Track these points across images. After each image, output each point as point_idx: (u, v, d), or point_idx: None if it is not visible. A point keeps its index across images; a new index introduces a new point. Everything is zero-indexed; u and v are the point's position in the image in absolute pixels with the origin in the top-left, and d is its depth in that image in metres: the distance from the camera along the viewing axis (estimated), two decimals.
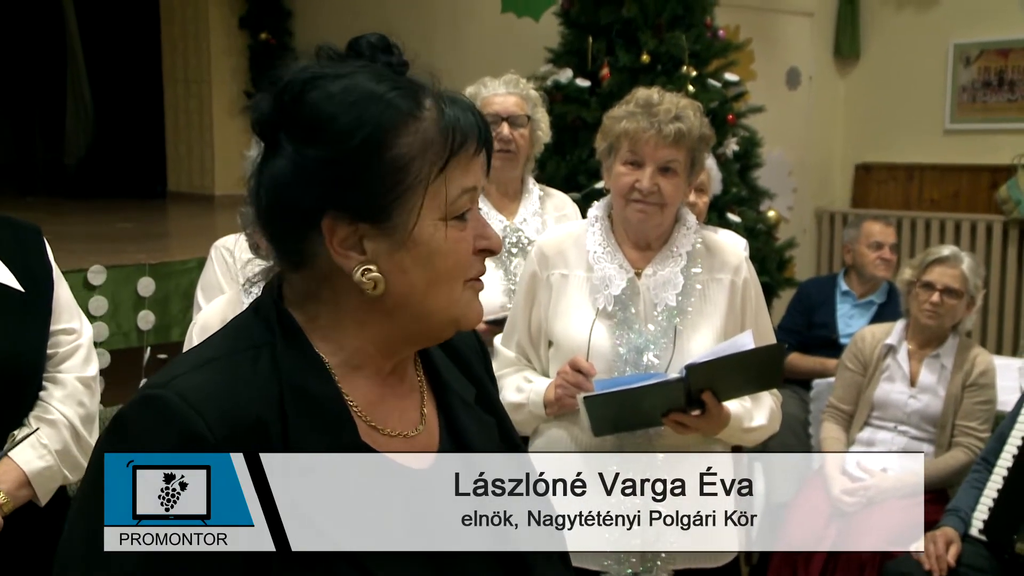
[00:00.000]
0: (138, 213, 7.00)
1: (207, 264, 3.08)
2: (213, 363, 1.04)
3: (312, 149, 1.05)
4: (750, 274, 2.35)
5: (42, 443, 2.05)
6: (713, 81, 4.64)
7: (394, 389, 1.15)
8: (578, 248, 2.35)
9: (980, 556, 3.02)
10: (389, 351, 1.13)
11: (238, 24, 8.04)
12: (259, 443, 1.01)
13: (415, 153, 1.05)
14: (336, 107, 1.04)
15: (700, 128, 2.26)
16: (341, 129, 1.04)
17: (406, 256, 1.06)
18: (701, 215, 3.55)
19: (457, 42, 6.04)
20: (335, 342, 1.10)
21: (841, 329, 4.36)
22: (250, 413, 1.01)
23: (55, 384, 2.13)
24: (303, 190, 1.05)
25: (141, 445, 0.98)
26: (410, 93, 1.06)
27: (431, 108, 1.07)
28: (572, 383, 2.21)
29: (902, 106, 6.41)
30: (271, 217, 1.09)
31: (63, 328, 2.15)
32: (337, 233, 1.06)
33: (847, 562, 3.27)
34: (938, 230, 6.22)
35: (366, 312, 1.09)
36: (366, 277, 1.06)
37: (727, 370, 2.16)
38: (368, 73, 1.07)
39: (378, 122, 1.04)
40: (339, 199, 1.05)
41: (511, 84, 3.08)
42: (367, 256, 1.06)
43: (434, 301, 1.08)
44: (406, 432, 1.14)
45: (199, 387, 1.01)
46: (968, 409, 3.46)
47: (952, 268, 3.49)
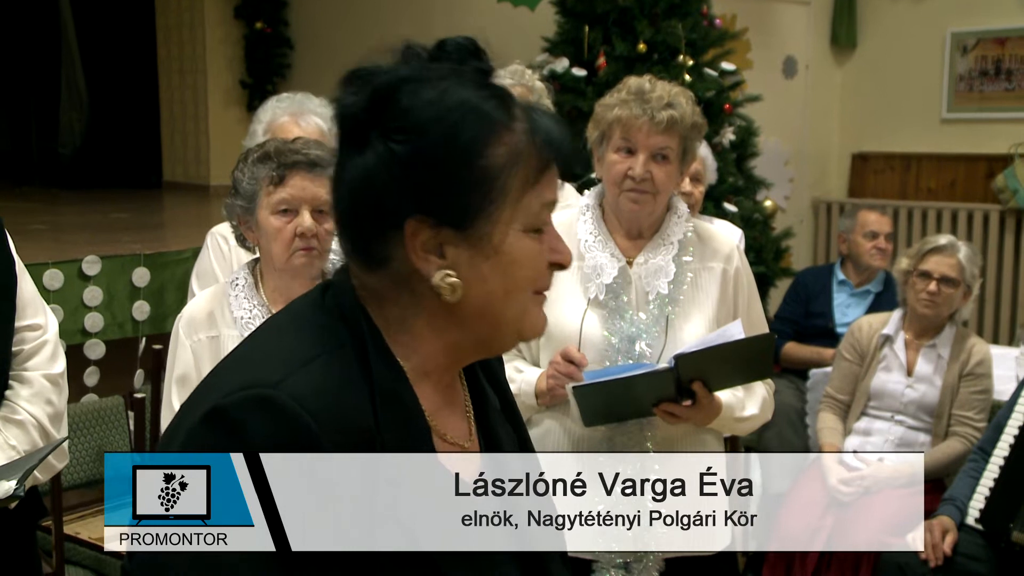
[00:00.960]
0: (133, 203, 7.00)
1: (202, 251, 3.06)
2: (313, 363, 1.03)
3: (405, 151, 1.04)
4: (742, 263, 2.34)
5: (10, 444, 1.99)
6: (709, 70, 4.63)
7: (450, 398, 1.16)
8: (569, 237, 2.33)
9: (976, 545, 3.03)
10: (457, 359, 1.13)
11: (233, 13, 8.02)
12: (366, 448, 1.01)
13: (505, 163, 1.05)
14: (433, 112, 1.04)
15: (692, 116, 2.25)
16: (437, 135, 1.03)
17: (486, 264, 1.07)
18: (697, 204, 3.54)
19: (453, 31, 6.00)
20: (406, 346, 1.09)
21: (838, 319, 4.36)
22: (357, 419, 1.01)
23: (21, 383, 2.05)
24: (391, 191, 1.04)
25: (252, 445, 0.97)
26: (503, 103, 1.07)
27: (521, 119, 1.08)
28: (563, 373, 2.20)
29: (899, 95, 6.40)
30: (353, 214, 1.08)
31: (28, 324, 2.07)
32: (419, 236, 1.05)
33: (844, 552, 3.27)
34: (935, 219, 6.21)
35: (440, 318, 1.08)
36: (445, 282, 1.06)
37: (717, 360, 2.15)
38: (460, 79, 1.07)
39: (475, 131, 1.04)
40: (426, 203, 1.04)
41: (516, 75, 3.07)
42: (447, 261, 1.06)
43: (508, 311, 1.09)
44: (462, 442, 1.15)
45: (309, 390, 1.00)
46: (965, 398, 3.46)
47: (949, 257, 3.49)
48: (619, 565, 2.21)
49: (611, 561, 2.21)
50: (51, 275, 3.80)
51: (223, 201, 2.21)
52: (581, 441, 2.27)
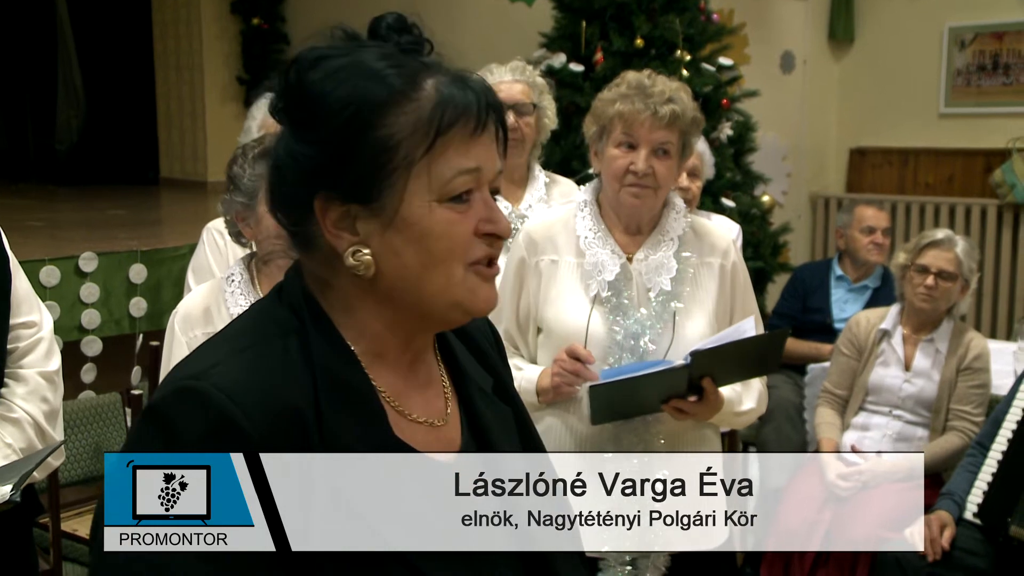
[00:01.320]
0: (130, 199, 6.98)
1: (198, 246, 3.06)
2: (246, 352, 1.03)
3: (304, 129, 1.04)
4: (737, 257, 2.35)
5: (7, 442, 1.99)
6: (707, 65, 4.63)
7: (418, 378, 1.14)
8: (567, 233, 2.32)
9: (974, 539, 3.03)
10: (407, 337, 1.11)
11: (230, 9, 8.00)
12: (298, 433, 0.99)
13: (407, 132, 1.03)
14: (330, 85, 1.03)
15: (692, 111, 2.26)
16: (330, 107, 1.03)
17: (396, 237, 1.04)
18: (694, 199, 3.54)
19: (451, 27, 6.01)
20: (353, 328, 1.08)
21: (835, 314, 4.35)
22: (288, 403, 1.00)
23: (17, 380, 2.05)
24: (296, 171, 1.05)
25: (179, 437, 0.97)
26: (409, 72, 1.05)
27: (431, 88, 1.05)
28: (570, 371, 2.20)
29: (897, 90, 6.39)
30: (275, 200, 1.09)
31: (23, 322, 2.07)
32: (330, 214, 1.05)
33: (842, 546, 3.27)
34: (933, 214, 6.21)
35: (371, 297, 1.07)
36: (356, 259, 1.04)
37: (730, 356, 2.17)
38: (375, 52, 1.05)
39: (365, 100, 1.03)
40: (329, 179, 1.04)
41: (517, 71, 3.07)
42: (359, 237, 1.05)
43: (430, 284, 1.06)
44: (432, 420, 1.13)
45: (234, 377, 0.99)
46: (962, 393, 3.46)
47: (946, 251, 3.48)
48: (626, 562, 2.21)
49: (619, 559, 2.21)
50: (48, 272, 3.79)
51: (220, 197, 2.20)
52: (584, 438, 2.27)
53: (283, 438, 0.98)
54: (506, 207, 3.01)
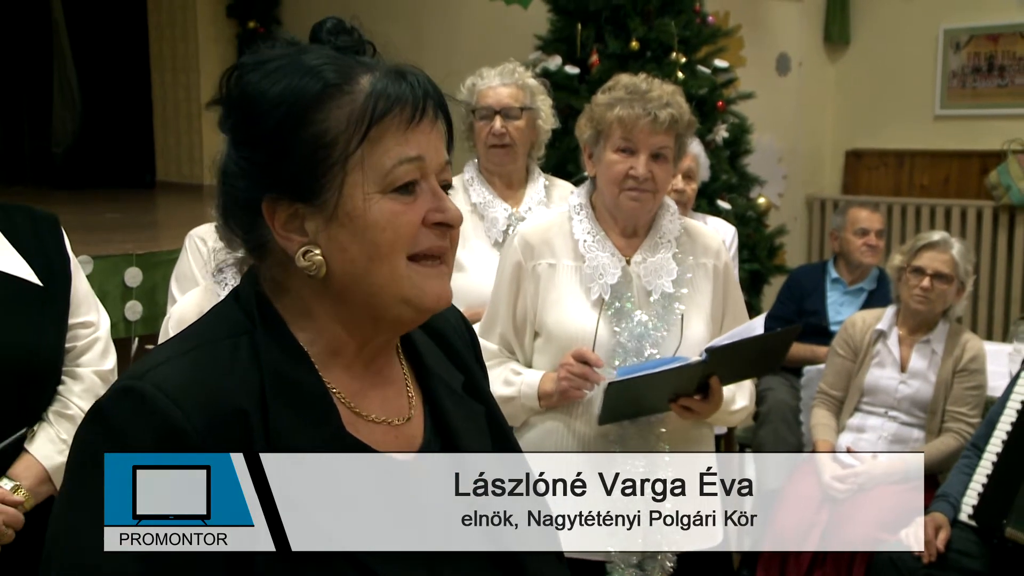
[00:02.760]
0: (126, 203, 6.97)
1: (181, 254, 3.06)
2: (191, 353, 1.03)
3: (239, 134, 1.05)
4: (728, 257, 2.37)
5: (61, 438, 2.03)
6: (702, 68, 4.63)
7: (376, 378, 1.13)
8: (563, 237, 2.32)
9: (969, 541, 3.03)
10: (363, 337, 1.10)
11: (226, 12, 8.01)
12: (240, 433, 0.99)
13: (341, 127, 1.03)
14: (266, 84, 1.04)
15: (688, 114, 2.27)
16: (265, 106, 1.03)
17: (342, 232, 1.04)
18: (689, 202, 3.55)
19: (447, 30, 6.02)
20: (310, 331, 1.08)
21: (831, 316, 4.35)
22: (229, 403, 0.99)
23: (74, 379, 2.10)
24: (239, 175, 1.06)
25: (121, 438, 0.96)
26: (344, 67, 1.05)
27: (366, 82, 1.05)
28: (578, 374, 2.20)
29: (892, 92, 6.40)
30: (222, 208, 1.09)
31: (81, 321, 2.12)
32: (278, 216, 1.05)
33: (838, 548, 3.27)
34: (928, 216, 6.22)
35: (325, 297, 1.07)
36: (307, 259, 1.04)
37: (743, 354, 2.20)
38: (315, 53, 1.06)
39: (298, 95, 1.03)
40: (271, 180, 1.04)
41: (507, 75, 3.04)
42: (308, 237, 1.04)
43: (376, 278, 1.05)
44: (391, 420, 1.12)
45: (176, 378, 0.99)
46: (958, 394, 3.46)
47: (942, 253, 3.49)
48: (633, 564, 2.21)
49: (626, 560, 2.21)
50: None
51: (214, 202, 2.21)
52: (586, 440, 2.27)
53: (224, 438, 0.98)
54: (505, 208, 3.01)
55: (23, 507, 1.95)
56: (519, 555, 1.14)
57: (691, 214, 3.62)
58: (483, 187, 3.02)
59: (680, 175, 3.52)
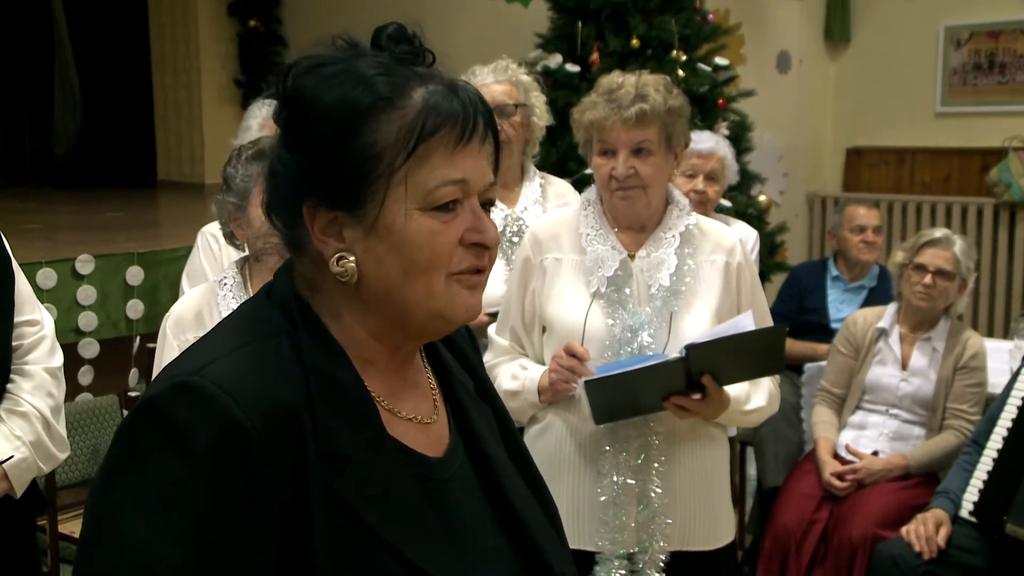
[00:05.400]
0: (128, 202, 6.98)
1: (193, 251, 3.06)
2: (240, 351, 1.03)
3: (292, 136, 1.06)
4: (744, 258, 2.33)
5: (16, 435, 2.04)
6: (703, 65, 4.63)
7: (405, 380, 1.15)
8: (571, 232, 2.33)
9: (970, 537, 3.03)
10: (392, 345, 1.12)
11: (227, 12, 8.01)
12: (294, 430, 1.00)
13: (389, 140, 1.03)
14: (312, 95, 1.04)
15: (667, 102, 2.23)
16: (318, 113, 1.04)
17: (379, 245, 1.05)
18: (711, 203, 3.51)
19: (447, 28, 6.01)
20: (341, 334, 1.09)
21: (832, 314, 4.35)
22: (282, 401, 1.00)
23: (23, 376, 2.11)
24: (287, 176, 1.07)
25: (181, 432, 0.96)
26: (399, 80, 1.05)
27: (419, 97, 1.05)
28: (566, 367, 2.20)
29: (893, 89, 6.40)
30: (269, 203, 1.11)
31: (26, 320, 2.13)
32: (318, 220, 1.06)
33: (838, 545, 3.28)
34: (929, 213, 6.22)
35: (355, 304, 1.08)
36: (340, 265, 1.05)
37: (727, 352, 2.15)
38: (370, 60, 1.06)
39: (351, 108, 1.03)
40: (316, 185, 1.05)
41: (499, 72, 3.03)
42: (345, 244, 1.06)
43: (411, 293, 1.06)
44: (422, 418, 1.14)
45: (232, 374, 0.99)
46: (959, 392, 3.46)
47: (944, 250, 3.49)
48: (622, 556, 2.21)
49: (614, 552, 2.21)
50: (44, 274, 3.79)
51: (214, 198, 2.21)
52: (585, 437, 2.27)
53: (281, 436, 0.98)
54: (501, 209, 2.99)
55: None
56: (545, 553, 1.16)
57: (715, 216, 3.59)
58: None
59: (702, 176, 3.50)
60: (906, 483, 3.39)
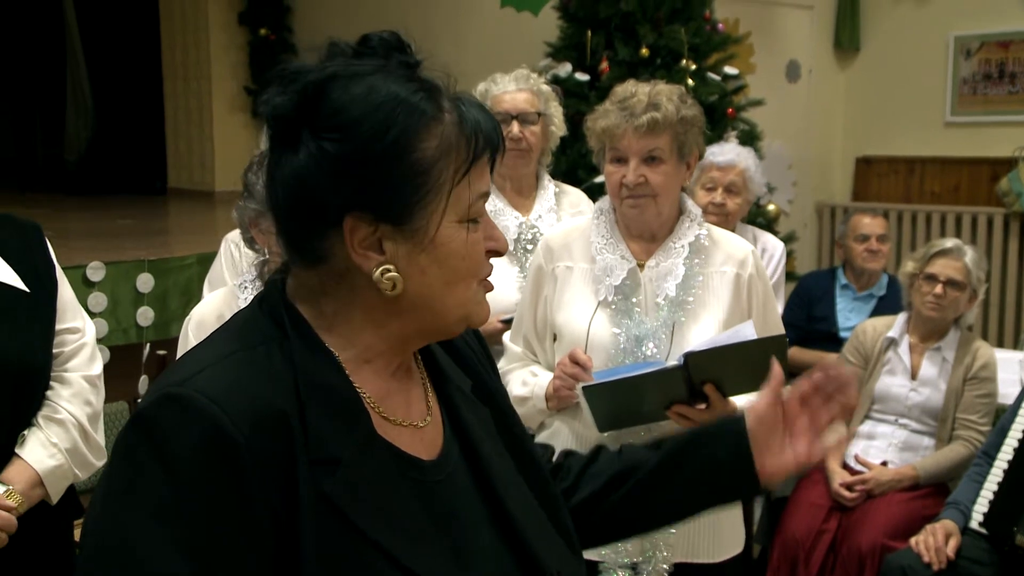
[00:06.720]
0: (138, 209, 7.01)
1: (216, 257, 3.07)
2: (228, 359, 1.04)
3: (338, 149, 1.05)
4: (756, 270, 2.31)
5: (52, 442, 2.05)
6: (712, 75, 4.63)
7: (401, 382, 1.16)
8: (583, 241, 2.34)
9: (980, 549, 3.02)
10: (401, 347, 1.14)
11: (237, 20, 8.04)
12: (283, 435, 1.01)
13: (438, 156, 1.07)
14: (363, 108, 1.05)
15: (680, 111, 2.23)
16: (369, 131, 1.04)
17: (425, 257, 1.08)
18: (733, 216, 3.49)
19: (457, 37, 6.03)
20: (344, 337, 1.10)
21: (841, 323, 4.35)
22: (271, 407, 1.01)
23: (62, 383, 2.12)
24: (327, 189, 1.05)
25: (168, 444, 0.97)
26: (432, 96, 1.08)
27: (450, 110, 1.09)
28: (569, 374, 2.20)
29: (903, 99, 6.40)
30: (290, 213, 1.09)
31: (68, 327, 2.15)
32: (357, 233, 1.06)
33: (847, 556, 3.27)
34: (939, 223, 6.21)
35: (379, 310, 1.10)
36: (385, 277, 1.07)
37: (728, 360, 2.13)
38: (387, 73, 1.07)
39: (405, 126, 1.05)
40: (363, 200, 1.05)
41: (522, 80, 3.04)
42: (386, 256, 1.07)
43: (450, 300, 1.11)
44: (415, 422, 1.15)
45: (219, 383, 1.00)
46: (969, 402, 3.46)
47: (955, 260, 3.48)
48: (626, 565, 2.21)
49: (617, 562, 2.21)
50: None
51: (235, 204, 2.23)
52: (590, 444, 2.26)
53: (270, 441, 0.99)
54: (516, 217, 3.00)
55: (16, 511, 1.96)
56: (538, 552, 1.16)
57: (741, 228, 3.57)
58: (494, 195, 3.01)
59: (721, 188, 3.49)
60: (915, 493, 3.39)
